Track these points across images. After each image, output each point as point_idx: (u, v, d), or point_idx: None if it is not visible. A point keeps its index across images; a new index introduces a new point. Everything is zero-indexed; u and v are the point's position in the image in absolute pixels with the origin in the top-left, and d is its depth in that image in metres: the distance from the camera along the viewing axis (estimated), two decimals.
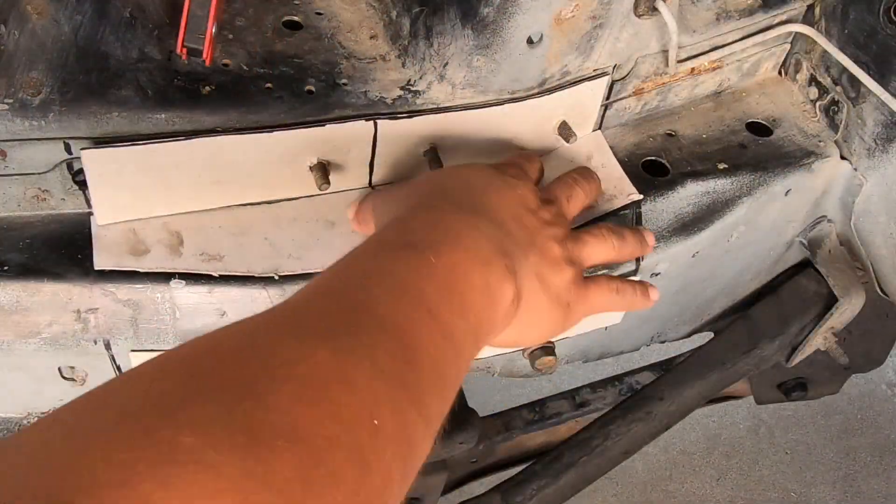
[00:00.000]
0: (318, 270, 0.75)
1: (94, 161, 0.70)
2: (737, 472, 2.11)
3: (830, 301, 1.01)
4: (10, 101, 0.66)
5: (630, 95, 0.87)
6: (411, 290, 0.52)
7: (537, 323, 0.68)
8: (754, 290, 1.07)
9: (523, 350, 0.85)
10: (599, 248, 0.75)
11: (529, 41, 0.73)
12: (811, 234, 0.99)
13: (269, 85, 0.72)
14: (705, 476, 2.10)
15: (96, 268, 0.72)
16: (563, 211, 0.75)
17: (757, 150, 0.89)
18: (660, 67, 0.85)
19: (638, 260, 0.85)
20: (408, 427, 0.45)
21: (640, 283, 0.80)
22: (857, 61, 0.83)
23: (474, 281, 0.56)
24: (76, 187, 0.74)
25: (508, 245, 0.62)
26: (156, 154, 0.71)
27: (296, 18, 0.77)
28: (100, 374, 0.77)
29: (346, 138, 0.75)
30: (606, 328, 0.94)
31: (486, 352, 0.88)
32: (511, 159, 0.75)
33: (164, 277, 0.72)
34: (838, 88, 0.89)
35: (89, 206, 0.74)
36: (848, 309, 1.01)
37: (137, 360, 0.75)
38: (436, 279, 0.54)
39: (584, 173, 0.80)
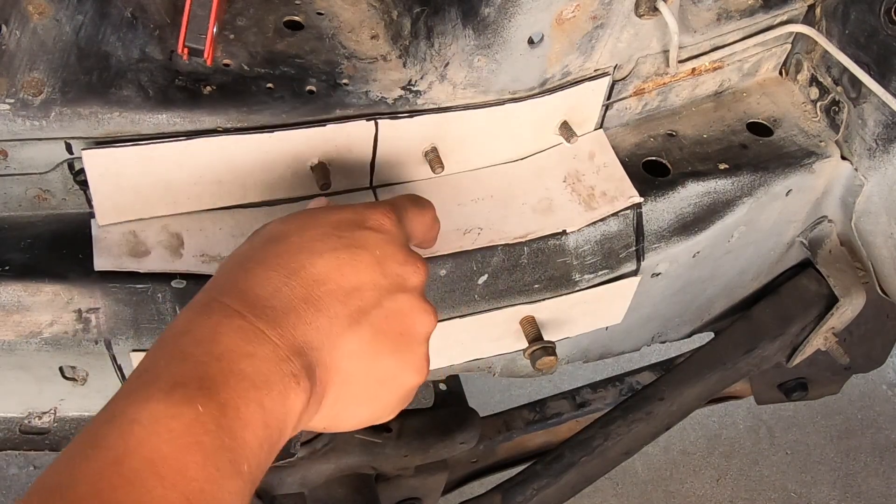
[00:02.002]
0: None
1: (95, 161, 0.70)
2: (737, 472, 2.11)
3: (831, 301, 1.01)
4: (12, 100, 0.66)
5: (631, 95, 0.87)
6: (170, 468, 0.47)
7: (370, 395, 0.62)
8: (755, 291, 1.07)
9: (524, 350, 0.85)
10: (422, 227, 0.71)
11: (530, 41, 0.73)
12: (812, 235, 0.99)
13: (270, 85, 0.72)
14: (705, 476, 2.10)
15: (96, 269, 0.72)
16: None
17: (758, 151, 0.89)
18: (661, 67, 0.85)
19: (639, 260, 0.85)
20: None
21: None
22: (857, 61, 0.83)
23: (249, 418, 0.51)
24: (77, 187, 0.74)
25: (311, 336, 0.56)
26: (157, 154, 0.71)
27: (297, 18, 0.77)
28: (101, 373, 0.77)
29: (347, 138, 0.75)
30: (607, 328, 0.94)
31: (487, 352, 0.89)
32: (381, 208, 0.65)
33: (165, 278, 0.72)
34: (839, 89, 0.89)
35: (90, 205, 0.74)
36: (848, 309, 1.01)
37: (138, 360, 0.75)
38: (204, 442, 0.49)
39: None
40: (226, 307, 0.55)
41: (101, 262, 0.72)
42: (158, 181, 0.73)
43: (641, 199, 0.83)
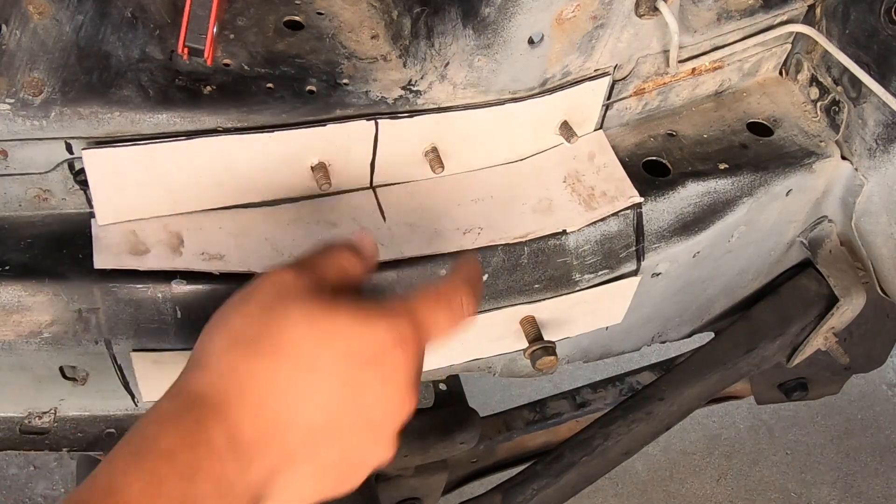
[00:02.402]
0: None
1: (95, 161, 0.70)
2: (737, 472, 2.11)
3: (831, 301, 1.01)
4: (12, 100, 0.66)
5: (631, 95, 0.87)
6: None
7: (338, 470, 0.61)
8: (755, 291, 1.07)
9: (524, 350, 0.85)
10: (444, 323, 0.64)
11: (530, 41, 0.73)
12: (812, 235, 0.99)
13: (270, 85, 0.72)
14: (705, 476, 2.10)
15: (96, 267, 0.72)
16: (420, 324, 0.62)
17: (758, 151, 0.89)
18: (661, 67, 0.85)
19: (639, 260, 0.85)
20: None
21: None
22: (858, 61, 0.83)
23: None
24: (77, 187, 0.74)
25: (276, 492, 0.56)
26: (157, 154, 0.71)
27: (297, 18, 0.77)
28: (100, 373, 0.77)
29: (347, 138, 0.75)
30: (607, 328, 0.94)
31: (487, 352, 0.89)
32: (405, 342, 0.59)
33: (165, 277, 0.72)
34: (839, 88, 0.89)
35: (90, 205, 0.74)
36: (849, 309, 1.01)
37: (138, 359, 0.75)
38: None
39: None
40: (211, 446, 0.53)
41: (100, 260, 0.72)
42: (158, 181, 0.73)
43: (641, 199, 0.83)
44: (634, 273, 0.86)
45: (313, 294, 0.59)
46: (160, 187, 0.73)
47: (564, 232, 0.82)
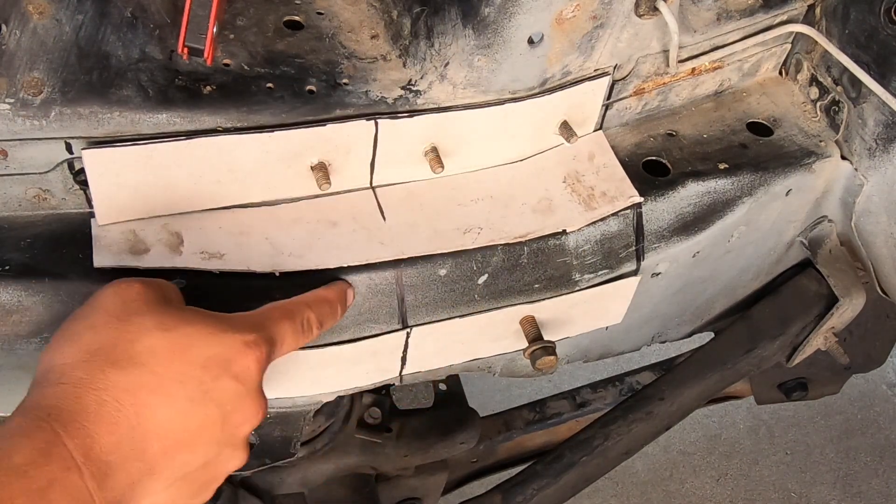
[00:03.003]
0: (319, 268, 0.75)
1: (95, 161, 0.70)
2: (737, 472, 2.11)
3: (831, 301, 1.01)
4: (12, 100, 0.66)
5: (631, 95, 0.87)
6: None
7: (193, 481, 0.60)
8: (755, 291, 1.07)
9: (524, 350, 0.85)
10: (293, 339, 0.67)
11: (530, 41, 0.73)
12: (812, 234, 0.99)
13: (270, 85, 0.72)
14: (705, 476, 2.10)
15: (95, 265, 0.72)
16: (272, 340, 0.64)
17: (758, 150, 0.89)
18: (660, 67, 0.85)
19: (639, 260, 0.85)
20: None
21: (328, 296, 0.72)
22: (857, 61, 0.83)
23: None
24: (77, 187, 0.74)
25: (136, 498, 0.56)
26: (157, 154, 0.71)
27: (297, 18, 0.77)
28: None
29: (347, 138, 0.75)
30: (607, 328, 0.94)
31: (487, 352, 0.89)
32: (254, 350, 0.61)
33: (165, 276, 0.72)
34: (839, 88, 0.89)
35: (90, 205, 0.74)
36: (849, 309, 1.01)
37: None
38: None
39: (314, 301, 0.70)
40: (67, 459, 0.52)
41: (100, 259, 0.72)
42: (158, 181, 0.73)
43: (641, 199, 0.83)
44: (634, 273, 0.86)
45: (163, 304, 0.60)
46: (160, 187, 0.73)
47: (564, 232, 0.82)
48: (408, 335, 0.80)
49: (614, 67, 0.81)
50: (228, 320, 0.62)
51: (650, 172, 0.86)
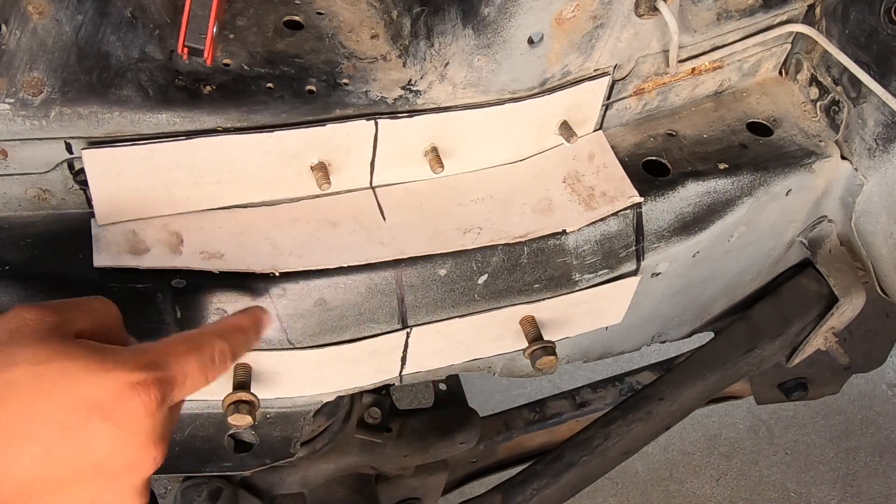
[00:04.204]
0: (319, 268, 0.75)
1: (95, 161, 0.70)
2: (737, 472, 2.11)
3: (831, 301, 1.01)
4: (12, 100, 0.66)
5: (631, 95, 0.87)
6: None
7: None
8: (755, 291, 1.07)
9: (524, 350, 0.85)
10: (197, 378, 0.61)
11: (530, 41, 0.73)
12: (812, 234, 0.99)
13: (270, 85, 0.72)
14: (705, 476, 2.10)
15: (95, 265, 0.72)
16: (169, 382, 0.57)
17: (758, 150, 0.89)
18: (660, 67, 0.85)
19: (639, 260, 0.85)
20: None
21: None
22: (857, 61, 0.83)
23: None
24: (77, 187, 0.74)
25: None
26: (156, 154, 0.71)
27: (297, 18, 0.77)
28: None
29: (347, 138, 0.75)
30: (607, 328, 0.94)
31: (487, 351, 0.88)
32: (142, 392, 0.55)
33: (165, 276, 0.72)
34: (839, 88, 0.89)
35: (90, 205, 0.74)
36: (848, 309, 1.01)
37: None
38: None
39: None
40: None
41: (100, 259, 0.72)
42: (158, 181, 0.73)
43: (641, 199, 0.83)
44: (634, 273, 0.86)
45: (49, 336, 0.55)
46: (160, 187, 0.73)
47: (564, 232, 0.82)
48: (408, 335, 0.80)
49: (614, 67, 0.81)
50: (118, 356, 0.55)
51: (650, 172, 0.86)
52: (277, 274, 0.74)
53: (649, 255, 0.86)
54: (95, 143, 0.70)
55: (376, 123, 0.75)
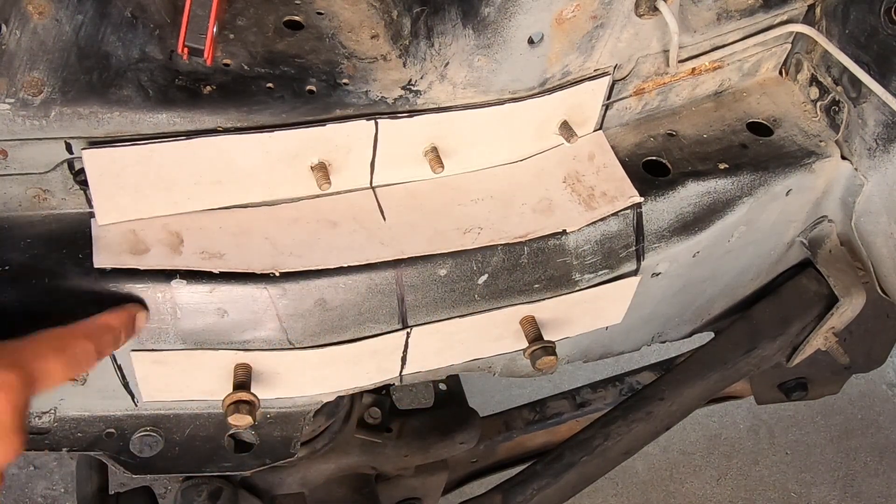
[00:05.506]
0: (319, 268, 0.75)
1: (95, 161, 0.70)
2: (737, 472, 2.11)
3: (831, 301, 1.01)
4: (12, 100, 0.66)
5: (631, 95, 0.87)
6: None
7: None
8: (755, 291, 1.07)
9: (524, 350, 0.85)
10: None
11: (530, 41, 0.73)
12: (812, 234, 0.99)
13: (270, 85, 0.72)
14: (705, 476, 2.10)
15: (95, 266, 0.72)
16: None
17: (758, 150, 0.89)
18: (661, 67, 0.85)
19: (639, 260, 0.85)
20: None
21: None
22: (857, 61, 0.83)
23: None
24: (77, 187, 0.74)
25: None
26: (157, 154, 0.71)
27: (297, 18, 0.77)
28: (101, 373, 0.77)
29: (347, 138, 0.75)
30: (607, 328, 0.94)
31: (487, 351, 0.88)
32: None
33: (165, 276, 0.72)
34: (839, 88, 0.89)
35: (90, 205, 0.74)
36: (849, 309, 1.01)
37: (138, 359, 0.75)
38: None
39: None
40: None
41: (100, 259, 0.72)
42: (158, 181, 0.73)
43: (641, 199, 0.83)
44: (634, 273, 0.86)
45: None
46: (160, 187, 0.73)
47: (564, 232, 0.82)
48: (408, 335, 0.80)
49: (614, 67, 0.81)
50: None
51: (650, 172, 0.86)
52: (277, 274, 0.74)
53: (649, 255, 0.86)
54: (96, 143, 0.70)
55: (376, 123, 0.75)
